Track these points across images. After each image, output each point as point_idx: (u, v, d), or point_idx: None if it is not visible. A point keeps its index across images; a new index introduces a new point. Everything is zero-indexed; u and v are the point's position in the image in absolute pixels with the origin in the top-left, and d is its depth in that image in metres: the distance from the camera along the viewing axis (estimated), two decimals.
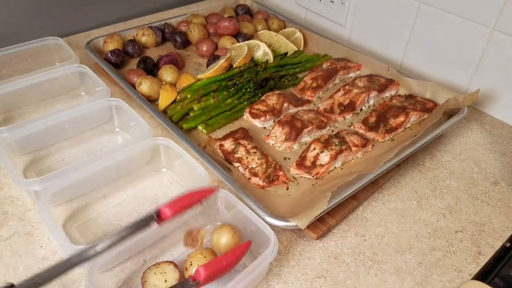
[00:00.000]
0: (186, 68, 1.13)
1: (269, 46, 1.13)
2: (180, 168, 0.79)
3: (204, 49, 1.16)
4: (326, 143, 0.84)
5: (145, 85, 0.96)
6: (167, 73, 1.03)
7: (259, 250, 0.63)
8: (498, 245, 0.73)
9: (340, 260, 0.69)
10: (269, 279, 0.65)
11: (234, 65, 1.06)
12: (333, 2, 1.27)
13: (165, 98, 0.95)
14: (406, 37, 1.14)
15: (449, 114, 0.96)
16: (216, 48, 1.17)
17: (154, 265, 0.61)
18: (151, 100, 0.97)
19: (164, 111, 0.96)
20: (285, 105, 0.96)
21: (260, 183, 0.79)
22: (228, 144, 0.85)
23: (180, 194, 0.55)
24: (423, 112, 0.95)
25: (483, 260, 0.70)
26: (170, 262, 0.62)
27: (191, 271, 0.60)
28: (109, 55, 1.07)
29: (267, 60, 1.10)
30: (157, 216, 0.53)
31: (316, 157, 0.82)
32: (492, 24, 0.95)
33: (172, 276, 0.60)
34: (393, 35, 1.17)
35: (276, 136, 0.89)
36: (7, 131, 0.79)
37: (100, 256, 0.50)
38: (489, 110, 1.05)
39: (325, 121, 0.93)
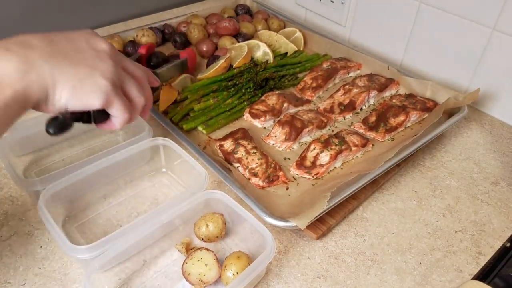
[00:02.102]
0: None
1: (269, 46, 1.13)
2: (180, 169, 0.79)
3: (204, 49, 1.16)
4: (326, 143, 0.84)
5: None
6: None
7: (257, 252, 0.63)
8: (498, 245, 0.73)
9: (340, 260, 0.69)
10: (269, 279, 0.65)
11: (234, 65, 1.06)
12: (333, 2, 1.27)
13: (165, 99, 0.95)
14: (406, 36, 1.14)
15: (449, 113, 0.96)
16: (216, 48, 1.17)
17: (188, 257, 0.62)
18: None
19: (164, 112, 0.96)
20: (285, 105, 0.96)
21: (260, 183, 0.79)
22: (228, 145, 0.85)
23: None
24: (423, 112, 0.95)
25: (483, 260, 0.70)
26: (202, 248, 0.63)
27: (226, 274, 0.61)
28: None
29: (267, 60, 1.10)
30: None
31: (316, 157, 0.82)
32: (492, 24, 0.95)
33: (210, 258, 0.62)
34: (393, 35, 1.17)
35: (276, 136, 0.89)
36: (7, 131, 0.78)
37: None
38: (489, 110, 1.05)
39: (325, 121, 0.93)
